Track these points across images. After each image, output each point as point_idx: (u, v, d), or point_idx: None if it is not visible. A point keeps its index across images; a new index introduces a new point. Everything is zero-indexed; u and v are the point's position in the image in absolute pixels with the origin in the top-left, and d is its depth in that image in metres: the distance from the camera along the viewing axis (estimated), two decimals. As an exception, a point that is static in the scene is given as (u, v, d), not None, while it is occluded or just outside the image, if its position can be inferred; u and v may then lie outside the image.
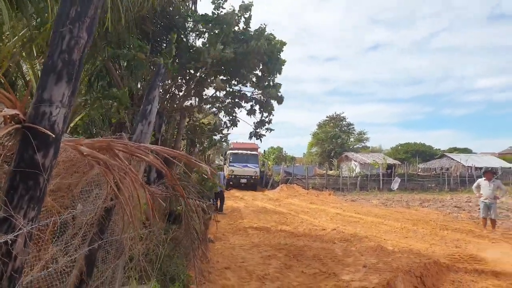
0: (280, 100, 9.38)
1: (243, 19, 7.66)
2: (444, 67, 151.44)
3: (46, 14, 3.99)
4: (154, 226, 4.59)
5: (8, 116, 1.67)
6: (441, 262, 7.01)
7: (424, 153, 61.36)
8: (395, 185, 31.57)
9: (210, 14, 7.63)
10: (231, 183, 29.73)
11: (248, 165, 30.81)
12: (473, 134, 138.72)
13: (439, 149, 64.46)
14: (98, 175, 2.86)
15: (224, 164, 32.26)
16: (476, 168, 40.28)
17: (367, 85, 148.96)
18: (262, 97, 9.20)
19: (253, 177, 30.71)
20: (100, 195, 2.99)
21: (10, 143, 1.93)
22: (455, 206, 19.96)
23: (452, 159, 47.99)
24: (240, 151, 33.86)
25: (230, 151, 33.06)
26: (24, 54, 5.85)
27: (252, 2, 7.65)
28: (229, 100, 9.18)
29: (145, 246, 4.50)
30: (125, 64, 6.01)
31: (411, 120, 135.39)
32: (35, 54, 6.15)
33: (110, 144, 2.53)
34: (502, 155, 65.76)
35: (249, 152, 35.09)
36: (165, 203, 5.56)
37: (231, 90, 8.47)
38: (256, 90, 8.92)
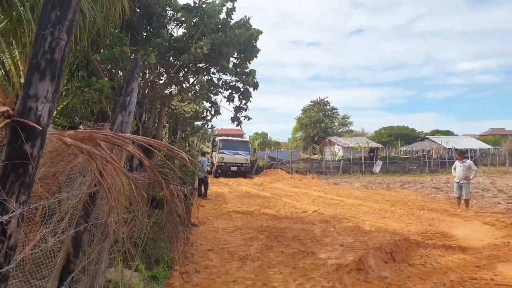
0: (255, 86, 9.59)
1: (225, 9, 7.77)
2: (426, 51, 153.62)
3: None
4: (137, 211, 4.82)
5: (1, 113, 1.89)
6: (411, 239, 7.44)
7: (407, 136, 62.28)
8: (377, 168, 32.28)
9: (192, 4, 7.74)
10: (219, 171, 29.23)
11: (239, 152, 29.83)
12: (455, 117, 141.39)
13: (422, 132, 65.48)
14: (82, 164, 3.08)
15: (214, 150, 30.93)
16: (457, 150, 41.26)
17: (350, 70, 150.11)
18: (237, 84, 9.41)
19: (244, 165, 29.70)
20: (84, 182, 3.20)
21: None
22: (434, 187, 20.63)
23: (433, 141, 48.93)
24: (230, 138, 32.62)
25: (220, 138, 31.52)
26: (3, 45, 5.94)
27: None
28: (208, 87, 9.36)
29: (129, 229, 4.73)
30: (107, 55, 6.14)
31: (395, 103, 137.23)
32: (15, 46, 6.24)
33: (92, 134, 2.74)
34: (483, 137, 67.40)
35: (239, 139, 34.11)
36: (148, 189, 5.78)
37: (209, 78, 8.64)
38: (233, 77, 9.10)
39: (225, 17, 7.83)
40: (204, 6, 7.43)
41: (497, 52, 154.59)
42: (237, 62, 9.03)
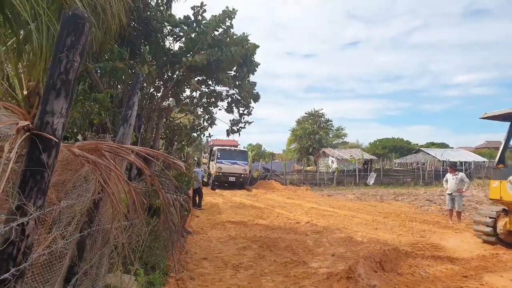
0: (256, 98, 9.89)
1: (224, 26, 8.07)
2: (421, 63, 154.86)
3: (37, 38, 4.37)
4: (136, 218, 5.04)
5: (21, 126, 2.14)
6: (400, 249, 7.68)
7: (402, 148, 62.69)
8: (371, 180, 32.56)
9: (192, 17, 8.05)
10: (216, 182, 28.36)
11: (238, 162, 28.80)
12: (451, 129, 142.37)
13: (417, 144, 65.89)
14: (87, 172, 3.32)
15: (211, 160, 29.80)
16: (451, 162, 41.73)
17: (345, 81, 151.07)
18: (236, 96, 9.70)
19: (242, 175, 28.71)
20: (89, 189, 3.44)
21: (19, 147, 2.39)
22: (427, 200, 20.87)
23: (428, 153, 49.41)
24: (228, 147, 31.33)
25: (218, 147, 30.12)
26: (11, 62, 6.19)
27: (236, 10, 8.08)
28: (205, 100, 9.63)
29: (127, 236, 4.95)
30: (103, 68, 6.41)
31: (390, 115, 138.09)
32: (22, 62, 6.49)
33: (97, 145, 2.99)
34: (478, 150, 67.95)
35: (238, 148, 33.36)
36: (145, 197, 6.00)
37: (206, 90, 8.93)
38: (232, 89, 9.39)
39: (223, 33, 8.12)
40: (203, 22, 7.73)
41: (492, 64, 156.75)
42: (237, 75, 9.31)
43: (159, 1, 8.47)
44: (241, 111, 9.67)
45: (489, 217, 9.12)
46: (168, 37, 8.57)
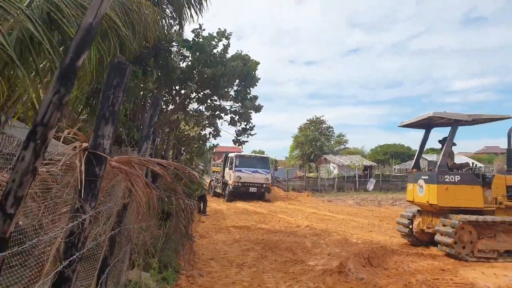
0: (257, 109, 10.66)
1: (221, 45, 8.89)
2: (423, 69, 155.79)
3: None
4: (151, 221, 5.76)
5: (82, 147, 2.89)
6: (387, 247, 8.39)
7: (403, 154, 62.99)
8: (370, 185, 33.23)
9: (191, 40, 8.86)
10: (233, 194, 24.85)
11: (259, 170, 25.35)
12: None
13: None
14: (117, 180, 4.06)
15: (230, 168, 25.85)
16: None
17: (347, 88, 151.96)
18: (240, 109, 10.48)
19: (264, 185, 25.18)
20: (118, 195, 4.18)
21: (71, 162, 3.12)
22: (423, 204, 21.53)
23: (426, 159, 49.98)
24: (247, 154, 27.94)
25: (235, 154, 26.57)
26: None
27: (230, 33, 8.91)
28: (210, 112, 10.42)
29: (145, 237, 5.68)
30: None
31: (392, 121, 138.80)
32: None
33: (129, 159, 3.74)
34: (478, 155, 68.56)
35: (258, 155, 30.17)
36: (158, 202, 6.72)
37: (212, 104, 9.71)
38: (235, 103, 10.18)
39: (222, 51, 8.93)
40: (200, 41, 8.52)
41: (491, 70, 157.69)
42: (239, 89, 10.10)
43: (171, 22, 9.25)
44: (243, 126, 10.48)
45: (406, 218, 9.90)
46: (176, 56, 9.36)
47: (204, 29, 8.85)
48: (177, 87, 9.22)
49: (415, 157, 10.99)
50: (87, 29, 2.04)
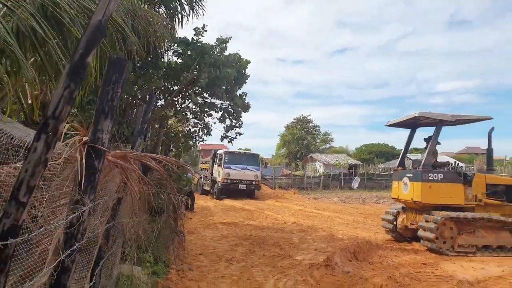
0: (246, 108, 10.79)
1: (218, 48, 8.99)
2: (409, 70, 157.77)
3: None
4: (144, 215, 5.85)
5: (82, 140, 2.98)
6: (372, 242, 8.63)
7: (388, 153, 63.86)
8: (355, 184, 33.70)
9: (190, 39, 8.94)
10: (222, 191, 24.40)
11: (248, 167, 25.09)
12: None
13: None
14: (112, 175, 4.15)
15: (219, 165, 25.43)
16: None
17: (335, 88, 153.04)
18: (230, 107, 10.59)
19: (254, 182, 24.91)
20: (112, 189, 4.26)
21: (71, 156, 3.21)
22: (407, 202, 21.98)
23: (409, 158, 50.85)
24: (237, 151, 27.37)
25: (224, 151, 26.11)
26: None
27: (229, 37, 9.05)
28: (198, 108, 10.51)
29: (137, 231, 5.77)
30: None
31: (378, 121, 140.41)
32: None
33: (126, 154, 3.83)
34: (459, 155, 69.93)
35: (248, 152, 29.50)
36: (149, 198, 6.80)
37: (203, 102, 9.81)
38: (225, 102, 10.29)
39: (219, 54, 9.03)
40: (199, 44, 8.61)
41: (474, 72, 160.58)
42: (228, 88, 10.21)
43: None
44: (233, 123, 10.60)
45: (391, 215, 10.22)
46: (167, 52, 9.42)
47: (206, 30, 8.95)
48: (168, 83, 9.29)
49: (400, 156, 11.29)
50: (97, 26, 2.14)
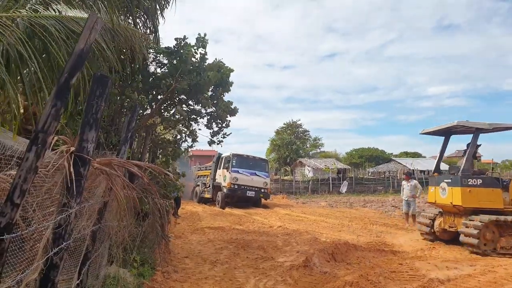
0: (232, 112, 11.13)
1: (199, 54, 9.31)
2: (397, 75, 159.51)
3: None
4: (129, 219, 6.14)
5: (68, 150, 3.30)
6: (349, 243, 9.00)
7: (378, 157, 64.61)
8: (343, 188, 34.18)
9: (172, 47, 9.26)
10: (227, 198, 22.29)
11: (257, 173, 23.01)
12: (425, 139, 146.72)
13: (391, 154, 67.96)
14: (99, 180, 4.45)
15: (225, 168, 23.06)
16: (421, 171, 43.93)
17: (323, 93, 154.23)
18: (215, 113, 10.92)
19: (263, 190, 22.82)
20: (99, 194, 4.57)
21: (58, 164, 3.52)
22: (393, 206, 22.44)
23: (399, 163, 51.60)
24: (246, 154, 24.51)
25: (232, 153, 23.58)
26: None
27: (207, 39, 9.35)
28: (184, 116, 10.81)
29: (123, 235, 6.05)
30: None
31: (367, 126, 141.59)
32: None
33: (111, 161, 4.14)
34: (450, 158, 70.83)
35: (257, 156, 25.61)
36: (134, 202, 7.09)
37: (188, 109, 10.12)
38: (210, 108, 10.61)
39: (199, 60, 9.35)
40: (182, 50, 8.93)
41: (462, 77, 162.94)
42: (213, 95, 10.54)
43: (147, 30, 9.62)
44: (220, 126, 10.91)
45: (428, 218, 10.64)
46: (152, 63, 9.73)
47: (187, 39, 9.25)
48: (153, 92, 9.59)
49: (435, 163, 11.81)
50: (79, 54, 2.47)
